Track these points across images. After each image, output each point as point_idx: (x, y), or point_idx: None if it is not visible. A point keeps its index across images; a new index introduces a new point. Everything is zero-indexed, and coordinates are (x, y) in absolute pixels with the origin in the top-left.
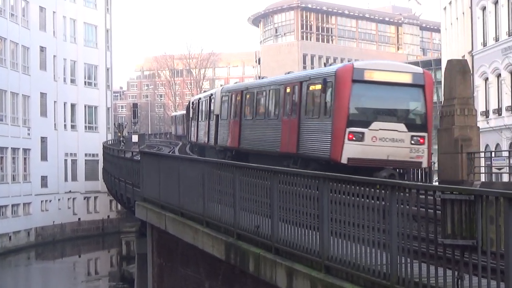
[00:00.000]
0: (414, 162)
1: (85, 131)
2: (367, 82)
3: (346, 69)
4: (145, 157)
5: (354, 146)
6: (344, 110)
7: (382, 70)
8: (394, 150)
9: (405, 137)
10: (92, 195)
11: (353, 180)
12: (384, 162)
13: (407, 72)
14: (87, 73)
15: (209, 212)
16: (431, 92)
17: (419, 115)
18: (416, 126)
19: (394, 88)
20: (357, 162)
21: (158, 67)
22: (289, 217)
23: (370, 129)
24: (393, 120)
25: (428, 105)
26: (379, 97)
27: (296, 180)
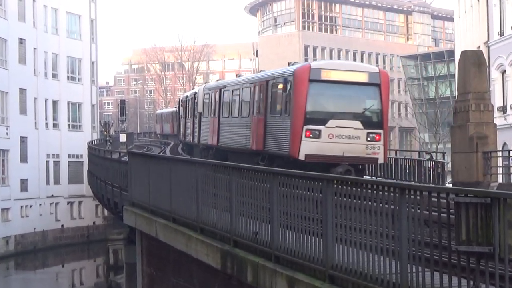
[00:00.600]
0: (370, 158)
1: (69, 130)
2: (324, 82)
3: (304, 69)
4: (133, 158)
5: (311, 143)
6: (301, 108)
7: (339, 69)
8: (350, 146)
9: (361, 134)
10: (76, 199)
11: (359, 182)
12: (340, 158)
13: (363, 72)
14: (70, 67)
15: (203, 218)
16: (387, 90)
17: (375, 113)
18: (372, 124)
19: (351, 87)
20: (314, 158)
21: (147, 60)
22: (290, 222)
23: (326, 127)
24: (349, 117)
25: (384, 103)
26: (335, 95)
27: (297, 183)
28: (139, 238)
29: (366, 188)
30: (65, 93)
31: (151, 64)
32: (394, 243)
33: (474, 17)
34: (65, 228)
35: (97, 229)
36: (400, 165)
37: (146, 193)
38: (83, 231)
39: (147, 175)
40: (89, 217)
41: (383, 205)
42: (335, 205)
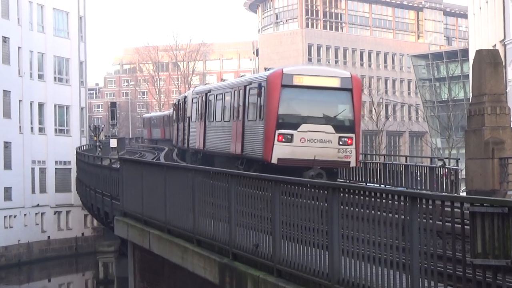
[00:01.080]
0: (342, 161)
1: (56, 134)
2: (296, 87)
3: (276, 75)
4: (125, 165)
5: (284, 147)
6: (273, 113)
7: (311, 75)
8: (322, 150)
9: (333, 138)
10: (63, 209)
11: (367, 191)
12: (312, 162)
13: (335, 77)
14: (57, 68)
15: (200, 229)
16: (359, 95)
17: (347, 118)
18: (344, 128)
19: (323, 92)
20: (287, 162)
21: (139, 60)
22: (293, 233)
23: (298, 131)
24: (321, 122)
25: (355, 108)
26: (307, 100)
27: (301, 191)
28: (131, 251)
29: (375, 197)
30: (51, 95)
31: (144, 64)
32: (404, 256)
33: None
34: (52, 239)
35: (86, 241)
36: (411, 173)
37: (139, 202)
38: (71, 243)
39: (140, 183)
40: (78, 228)
41: (393, 215)
42: (341, 215)
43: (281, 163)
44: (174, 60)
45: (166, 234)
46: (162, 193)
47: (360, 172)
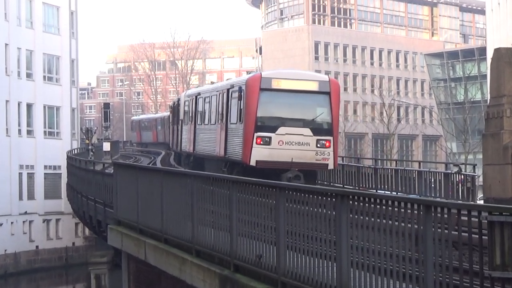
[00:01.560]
0: (320, 164)
1: (45, 137)
2: (274, 90)
3: (255, 78)
4: (119, 170)
5: (262, 149)
6: (252, 116)
7: (289, 78)
8: (300, 153)
9: (310, 140)
10: (53, 217)
11: (378, 198)
12: (289, 164)
13: (313, 80)
14: (47, 66)
15: (199, 238)
16: (337, 98)
17: (325, 121)
18: (322, 131)
19: (301, 95)
20: (265, 164)
21: (135, 58)
22: (299, 244)
23: (277, 134)
24: (299, 125)
25: (333, 111)
26: (286, 104)
27: (307, 199)
28: (125, 262)
29: (386, 205)
30: (41, 96)
31: (139, 63)
32: (418, 268)
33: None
34: (41, 249)
35: (77, 251)
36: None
37: (134, 210)
38: (61, 253)
39: (135, 189)
40: (68, 237)
41: (406, 225)
42: (350, 224)
43: (260, 165)
44: (171, 58)
45: (163, 244)
46: (159, 200)
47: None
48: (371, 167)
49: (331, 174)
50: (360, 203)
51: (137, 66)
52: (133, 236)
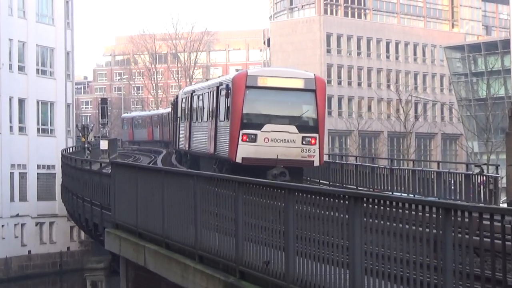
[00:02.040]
0: (306, 161)
1: (38, 134)
2: (260, 88)
3: (241, 76)
4: (117, 170)
5: (248, 146)
6: (238, 113)
7: (275, 76)
8: (286, 150)
9: (296, 138)
10: (47, 220)
11: (394, 201)
12: (275, 161)
13: (299, 78)
14: (40, 58)
15: (203, 243)
16: (323, 96)
17: (310, 118)
18: (308, 128)
19: (286, 92)
20: (250, 161)
21: (134, 50)
22: (309, 249)
23: (262, 131)
24: (284, 122)
25: (319, 108)
26: (271, 101)
27: (318, 201)
28: (123, 268)
29: (403, 208)
30: (34, 90)
31: (139, 55)
32: (436, 276)
33: None
34: (33, 254)
35: (72, 257)
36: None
37: (133, 212)
38: (55, 258)
39: (134, 190)
40: (63, 241)
41: (423, 229)
42: (364, 228)
43: (246, 162)
44: (173, 50)
45: (164, 249)
46: (160, 202)
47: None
48: (386, 168)
49: (344, 175)
50: (374, 206)
51: (137, 59)
52: (132, 240)
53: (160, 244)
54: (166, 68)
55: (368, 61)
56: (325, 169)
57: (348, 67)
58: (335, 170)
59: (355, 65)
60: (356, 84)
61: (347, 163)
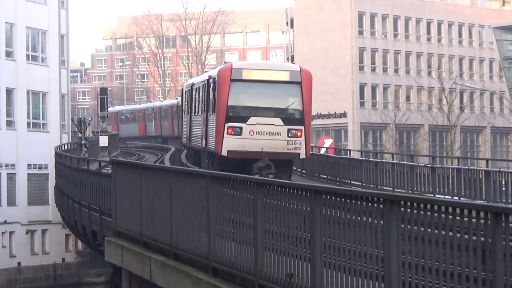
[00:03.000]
0: (292, 153)
1: (28, 129)
2: (245, 81)
3: (226, 69)
4: (119, 170)
5: (233, 139)
6: (223, 107)
7: (260, 69)
8: (271, 142)
9: (281, 130)
10: (39, 227)
11: (436, 204)
12: (260, 154)
13: (284, 70)
14: (30, 43)
15: (217, 254)
16: (309, 88)
17: (296, 110)
18: (293, 120)
19: (272, 85)
20: (236, 154)
21: (138, 33)
22: (339, 260)
23: (247, 124)
24: (270, 115)
25: (305, 100)
26: (256, 94)
27: (348, 204)
28: (126, 282)
29: (446, 212)
30: (23, 79)
31: (144, 39)
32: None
33: None
34: (23, 267)
35: (67, 269)
36: (494, 181)
37: (137, 218)
38: (48, 271)
39: (138, 193)
40: (57, 252)
41: (470, 237)
42: (401, 236)
43: (231, 155)
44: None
45: (172, 260)
46: (167, 207)
47: (425, 179)
48: (427, 166)
49: (378, 175)
50: (413, 210)
51: (141, 43)
52: (135, 250)
53: (168, 255)
54: (175, 53)
55: (406, 44)
56: (357, 168)
57: (383, 51)
58: (368, 170)
59: (391, 49)
60: (392, 70)
61: (382, 161)
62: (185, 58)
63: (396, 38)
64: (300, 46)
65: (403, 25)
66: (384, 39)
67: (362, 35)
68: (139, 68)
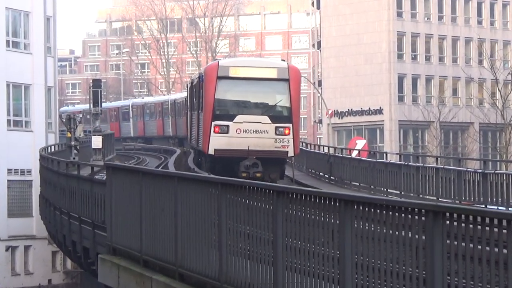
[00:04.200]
0: (280, 151)
1: (9, 128)
2: (232, 78)
3: (212, 67)
4: (115, 176)
5: (220, 138)
6: (210, 105)
7: (247, 66)
8: (258, 140)
9: (269, 128)
10: (21, 243)
11: (488, 216)
12: (247, 152)
13: (271, 68)
14: (11, 27)
15: (230, 274)
16: (297, 85)
17: (284, 108)
18: (281, 118)
19: (259, 83)
20: (223, 152)
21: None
22: (373, 283)
23: (234, 122)
24: (257, 113)
25: (293, 98)
26: (243, 91)
27: (384, 217)
28: None
29: (500, 226)
30: (2, 69)
31: (144, 22)
32: None
33: None
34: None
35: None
36: None
37: (136, 233)
38: None
39: (137, 204)
40: (42, 272)
41: None
42: (447, 253)
43: (218, 154)
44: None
45: (178, 282)
46: (172, 219)
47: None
48: (477, 172)
49: (420, 182)
50: (461, 223)
51: (141, 27)
52: (134, 270)
53: (172, 276)
54: (181, 39)
55: (453, 28)
56: (394, 174)
57: (426, 37)
58: (408, 175)
59: (435, 34)
60: (436, 59)
61: (425, 165)
62: (193, 44)
63: (441, 21)
64: (328, 30)
65: (449, 6)
66: (427, 22)
67: (401, 17)
68: (139, 57)
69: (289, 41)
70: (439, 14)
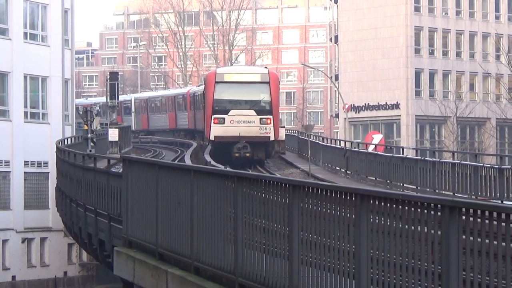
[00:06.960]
0: (263, 136)
1: (26, 120)
2: (226, 82)
3: (211, 74)
4: (131, 169)
5: (218, 127)
6: (210, 103)
7: (238, 73)
8: (247, 129)
9: (255, 119)
10: (37, 235)
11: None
12: (239, 138)
13: (256, 73)
14: (29, 19)
15: (245, 268)
16: (276, 86)
17: (266, 103)
18: (264, 111)
19: (247, 85)
20: (220, 139)
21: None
22: (388, 277)
23: (229, 115)
24: (246, 108)
25: (273, 96)
26: (235, 92)
27: (400, 211)
28: None
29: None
30: (20, 61)
31: (161, 15)
32: None
33: None
34: (18, 281)
35: (70, 284)
36: None
37: (152, 226)
38: (48, 286)
39: (153, 197)
40: (58, 264)
41: None
42: (462, 249)
43: (217, 140)
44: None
45: (193, 275)
46: (188, 212)
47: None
48: (494, 168)
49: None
50: (477, 218)
51: (158, 20)
52: (150, 263)
53: (187, 269)
54: (198, 32)
55: (471, 23)
56: (411, 169)
57: (444, 32)
58: (424, 171)
59: (452, 29)
60: (453, 54)
61: (441, 161)
62: (210, 37)
63: (458, 16)
64: (345, 24)
65: (467, 1)
66: (445, 17)
67: (419, 12)
68: (156, 50)
69: (306, 35)
70: (457, 9)
